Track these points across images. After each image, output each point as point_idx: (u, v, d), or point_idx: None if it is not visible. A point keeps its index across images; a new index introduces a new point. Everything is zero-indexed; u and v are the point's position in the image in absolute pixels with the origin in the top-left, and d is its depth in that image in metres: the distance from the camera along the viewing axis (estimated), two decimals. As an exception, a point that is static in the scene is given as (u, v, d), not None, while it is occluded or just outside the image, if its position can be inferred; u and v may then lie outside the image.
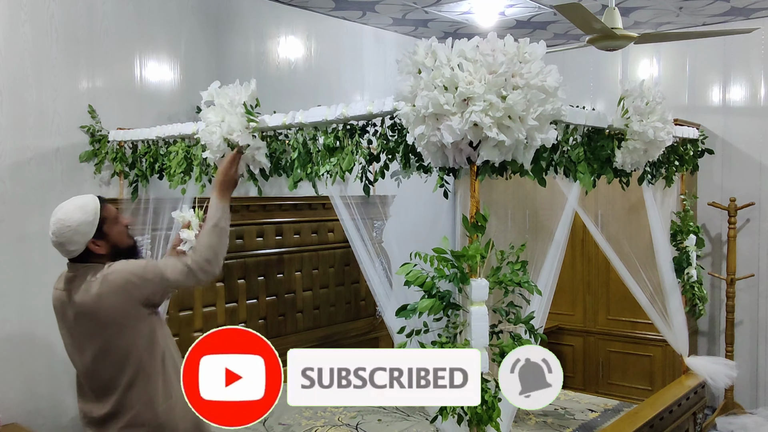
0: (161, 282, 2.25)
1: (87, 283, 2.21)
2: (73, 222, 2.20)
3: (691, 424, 3.70)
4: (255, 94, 2.73)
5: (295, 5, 4.62)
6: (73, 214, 2.21)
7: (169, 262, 2.29)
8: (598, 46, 3.65)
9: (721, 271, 5.18)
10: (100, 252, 2.27)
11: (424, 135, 2.02)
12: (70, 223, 2.20)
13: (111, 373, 2.24)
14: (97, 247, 2.26)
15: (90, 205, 2.26)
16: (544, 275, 2.59)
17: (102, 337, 2.22)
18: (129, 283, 2.20)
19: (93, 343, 2.23)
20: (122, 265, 2.25)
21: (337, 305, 4.56)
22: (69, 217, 2.21)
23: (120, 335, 2.22)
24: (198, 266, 2.25)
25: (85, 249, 2.25)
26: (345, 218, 2.71)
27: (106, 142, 3.53)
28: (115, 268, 2.23)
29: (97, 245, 2.26)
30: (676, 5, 4.63)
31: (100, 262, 2.26)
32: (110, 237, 2.29)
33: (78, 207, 2.24)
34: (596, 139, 2.71)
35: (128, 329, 2.22)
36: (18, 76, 3.29)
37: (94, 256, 2.27)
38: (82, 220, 2.21)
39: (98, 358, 2.24)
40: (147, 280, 2.23)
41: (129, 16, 3.75)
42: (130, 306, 2.22)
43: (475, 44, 2.00)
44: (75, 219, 2.21)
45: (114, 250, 2.31)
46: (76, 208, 2.23)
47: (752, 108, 5.13)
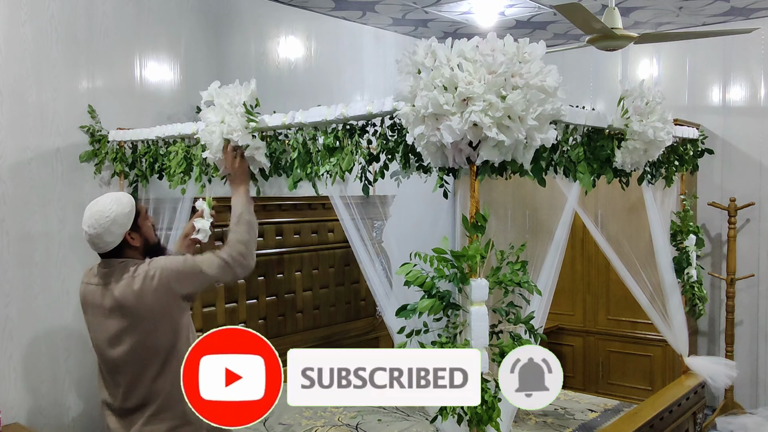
0: (200, 277, 2.35)
1: (127, 278, 2.29)
2: (112, 213, 2.29)
3: (691, 424, 3.70)
4: (255, 94, 2.73)
5: (295, 5, 4.62)
6: (111, 206, 2.31)
7: (205, 258, 2.38)
8: (598, 46, 3.65)
9: (721, 271, 5.18)
10: (135, 245, 2.37)
11: (423, 135, 2.02)
12: (109, 214, 2.29)
13: (141, 366, 2.31)
14: (132, 239, 2.36)
15: (125, 198, 2.38)
16: (544, 275, 2.59)
17: (138, 331, 2.29)
18: (171, 279, 2.29)
19: (129, 336, 2.30)
20: (163, 261, 2.33)
21: (337, 305, 4.56)
22: (107, 208, 2.30)
23: (156, 330, 2.30)
24: (234, 260, 2.38)
25: (121, 242, 2.34)
26: (345, 218, 2.71)
27: (106, 142, 3.53)
28: (156, 264, 2.31)
29: (132, 237, 2.36)
30: (676, 5, 4.63)
31: (132, 257, 2.36)
32: (143, 231, 2.41)
33: (114, 200, 2.34)
34: (596, 139, 2.71)
35: (165, 325, 2.31)
36: (18, 76, 3.29)
37: (128, 249, 2.36)
38: (119, 211, 2.31)
39: (132, 351, 2.30)
40: (187, 276, 2.33)
41: (129, 16, 3.75)
42: (171, 302, 2.31)
43: (474, 44, 2.00)
44: (113, 210, 2.30)
45: (145, 244, 2.41)
46: (112, 200, 2.34)
47: (752, 108, 5.13)
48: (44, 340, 3.37)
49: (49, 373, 3.39)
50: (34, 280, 3.33)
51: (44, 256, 3.34)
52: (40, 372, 3.36)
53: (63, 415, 3.44)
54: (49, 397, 3.39)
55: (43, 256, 3.34)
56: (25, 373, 3.32)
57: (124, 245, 2.35)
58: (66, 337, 3.44)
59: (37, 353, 3.35)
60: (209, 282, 2.41)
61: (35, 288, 3.34)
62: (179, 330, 2.34)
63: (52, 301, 3.37)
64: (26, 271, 3.32)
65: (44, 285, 3.35)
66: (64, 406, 3.44)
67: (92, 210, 2.31)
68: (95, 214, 2.30)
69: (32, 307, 3.33)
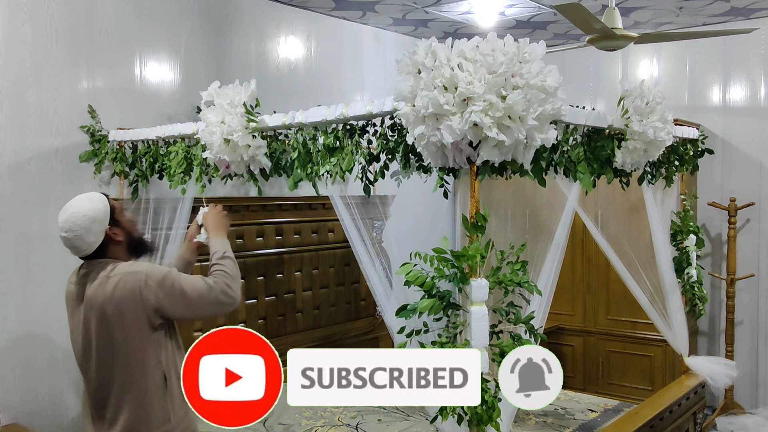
0: (179, 297, 2.19)
1: (102, 277, 2.21)
2: (88, 210, 2.23)
3: (691, 424, 3.70)
4: (255, 94, 2.74)
5: (295, 5, 4.62)
6: (85, 204, 2.25)
7: (191, 278, 2.24)
8: (598, 46, 3.65)
9: (721, 271, 5.18)
10: (119, 239, 2.29)
11: (424, 135, 2.02)
12: (86, 212, 2.22)
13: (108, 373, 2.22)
14: (115, 234, 2.28)
15: (96, 195, 2.30)
16: (544, 275, 2.59)
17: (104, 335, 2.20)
18: (144, 289, 2.17)
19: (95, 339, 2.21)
20: (144, 267, 2.23)
21: (337, 305, 4.56)
22: (82, 207, 2.24)
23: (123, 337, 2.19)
24: (219, 288, 2.22)
25: (104, 240, 2.25)
26: (345, 218, 2.71)
27: (106, 142, 3.53)
28: (136, 267, 2.22)
29: (115, 233, 2.28)
30: (676, 5, 4.63)
31: (118, 255, 2.29)
32: (123, 224, 2.33)
33: (87, 198, 2.28)
34: (596, 139, 2.71)
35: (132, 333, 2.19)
36: (18, 76, 3.29)
37: (113, 245, 2.28)
38: (95, 207, 2.25)
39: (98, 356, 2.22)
40: (165, 292, 2.18)
41: (129, 16, 3.75)
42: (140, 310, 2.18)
43: (475, 44, 2.00)
44: (89, 207, 2.24)
45: (130, 239, 2.34)
46: (85, 200, 2.27)
47: (752, 108, 5.13)
48: (43, 341, 3.36)
49: (47, 374, 3.38)
50: (32, 280, 3.33)
51: (43, 256, 3.34)
52: (39, 372, 3.36)
53: (62, 416, 3.44)
54: (48, 397, 3.39)
55: (42, 256, 3.34)
56: (24, 374, 3.31)
57: (107, 243, 2.26)
58: (64, 337, 3.40)
59: (36, 353, 3.35)
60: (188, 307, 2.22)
61: (34, 288, 3.33)
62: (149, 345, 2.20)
63: (50, 302, 3.36)
64: (25, 271, 3.32)
65: (43, 285, 3.35)
66: (63, 407, 3.44)
67: (68, 213, 2.24)
68: (72, 216, 2.22)
69: (31, 307, 3.33)
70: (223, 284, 2.23)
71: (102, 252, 2.28)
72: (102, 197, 2.30)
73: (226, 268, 2.30)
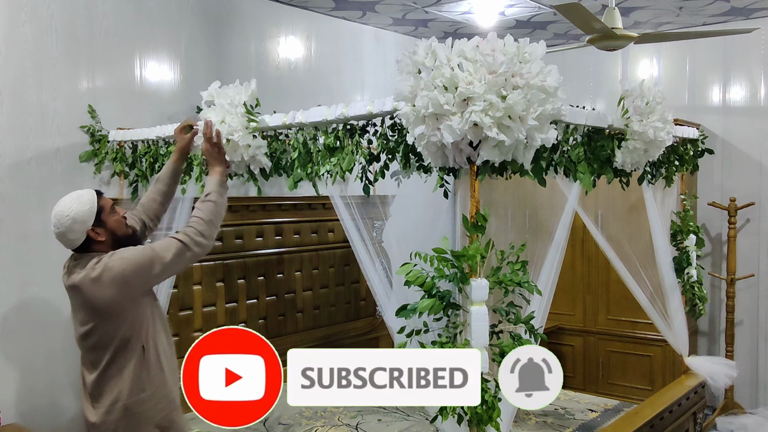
0: (157, 265, 2.33)
1: (88, 268, 2.33)
2: (71, 212, 2.35)
3: (691, 424, 3.70)
4: (255, 94, 2.74)
5: (295, 5, 4.62)
6: (70, 205, 2.36)
7: (162, 243, 2.38)
8: (598, 46, 3.65)
9: (721, 271, 5.18)
10: (100, 239, 2.39)
11: (424, 135, 2.02)
12: (68, 213, 2.34)
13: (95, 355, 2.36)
14: (97, 234, 2.39)
15: (85, 196, 2.41)
16: (544, 275, 2.59)
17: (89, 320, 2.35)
18: (128, 271, 2.30)
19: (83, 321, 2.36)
20: (121, 252, 2.35)
21: (337, 305, 4.56)
22: (67, 207, 2.36)
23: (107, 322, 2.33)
24: (190, 240, 2.37)
25: (86, 238, 2.37)
26: (345, 218, 2.71)
27: (106, 142, 3.53)
28: (116, 255, 2.34)
29: (97, 233, 2.39)
30: (676, 5, 4.63)
31: (101, 251, 2.38)
32: (108, 225, 2.42)
33: (74, 198, 2.39)
34: (596, 139, 2.71)
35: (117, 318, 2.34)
36: (18, 76, 3.29)
37: (96, 243, 2.39)
38: (78, 209, 2.35)
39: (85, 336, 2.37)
40: (144, 267, 2.32)
41: (129, 16, 3.74)
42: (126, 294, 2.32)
43: (475, 44, 2.00)
44: (72, 209, 2.35)
45: (114, 238, 2.43)
46: (72, 199, 2.39)
47: (752, 108, 5.13)
48: (42, 340, 3.36)
49: (47, 373, 3.38)
50: (31, 280, 3.33)
51: (42, 256, 3.33)
52: (38, 372, 3.36)
53: (61, 415, 3.43)
54: (47, 397, 3.39)
55: (41, 256, 3.33)
56: (24, 373, 3.31)
57: (90, 241, 2.38)
58: (63, 337, 3.42)
59: (35, 353, 3.35)
60: (167, 268, 2.37)
61: (33, 288, 3.33)
62: (132, 325, 2.35)
63: (49, 301, 3.36)
64: (24, 270, 3.32)
65: (42, 285, 3.34)
66: (62, 406, 3.43)
67: (55, 210, 2.38)
68: (57, 215, 2.36)
69: (30, 307, 3.33)
70: (194, 234, 2.37)
71: (87, 248, 2.40)
72: (91, 197, 2.40)
73: (203, 212, 2.43)
